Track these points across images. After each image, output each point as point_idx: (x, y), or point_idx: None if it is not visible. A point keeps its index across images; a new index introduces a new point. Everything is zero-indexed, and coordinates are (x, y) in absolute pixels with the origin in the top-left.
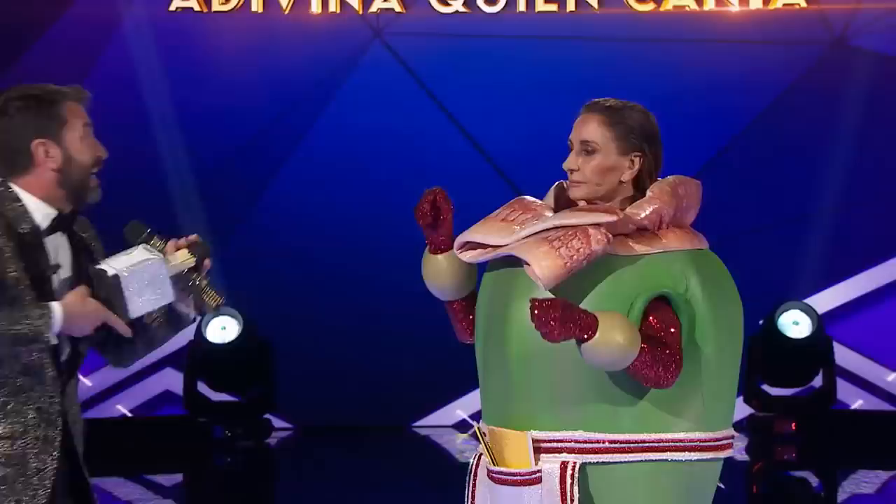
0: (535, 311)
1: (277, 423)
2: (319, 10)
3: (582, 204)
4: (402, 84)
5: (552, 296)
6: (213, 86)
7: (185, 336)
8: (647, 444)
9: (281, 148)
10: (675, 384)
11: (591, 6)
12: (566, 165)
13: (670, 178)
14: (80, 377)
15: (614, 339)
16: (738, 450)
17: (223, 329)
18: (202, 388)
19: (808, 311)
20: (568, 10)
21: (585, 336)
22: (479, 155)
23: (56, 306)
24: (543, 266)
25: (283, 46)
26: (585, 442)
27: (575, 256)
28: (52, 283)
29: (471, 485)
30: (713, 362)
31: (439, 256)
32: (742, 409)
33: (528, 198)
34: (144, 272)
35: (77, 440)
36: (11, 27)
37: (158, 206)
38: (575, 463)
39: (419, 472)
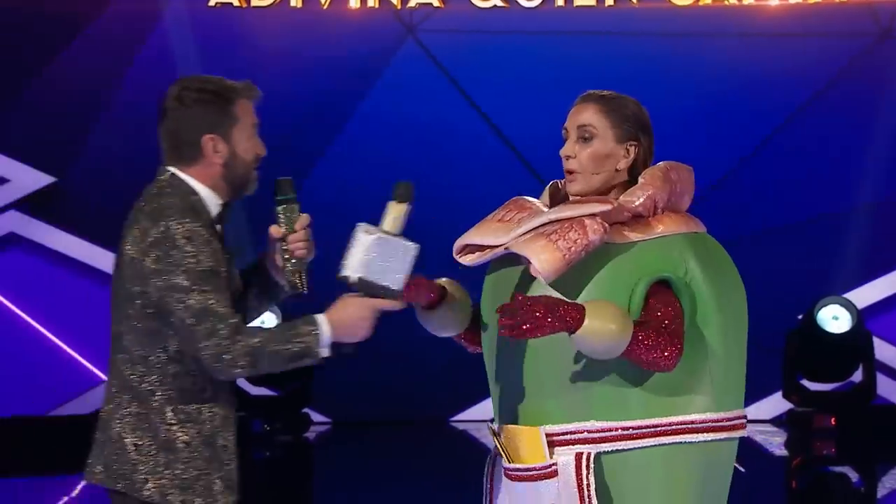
0: (519, 311)
1: (316, 417)
2: (358, 5)
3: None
4: (438, 80)
5: (552, 291)
6: (251, 80)
7: None
8: (659, 429)
9: (317, 142)
10: (682, 367)
11: (630, 0)
12: (564, 151)
13: (661, 163)
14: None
15: (605, 326)
16: (778, 445)
17: (262, 323)
18: (241, 382)
19: (848, 305)
20: (606, 4)
21: (573, 327)
22: (510, 152)
23: (322, 319)
24: (543, 260)
25: (321, 41)
26: (598, 431)
27: (573, 248)
28: (231, 271)
29: (487, 485)
30: (718, 343)
31: (434, 310)
32: (781, 405)
33: (525, 197)
34: (378, 255)
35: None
36: (52, 23)
37: None
38: (589, 453)
39: (457, 467)
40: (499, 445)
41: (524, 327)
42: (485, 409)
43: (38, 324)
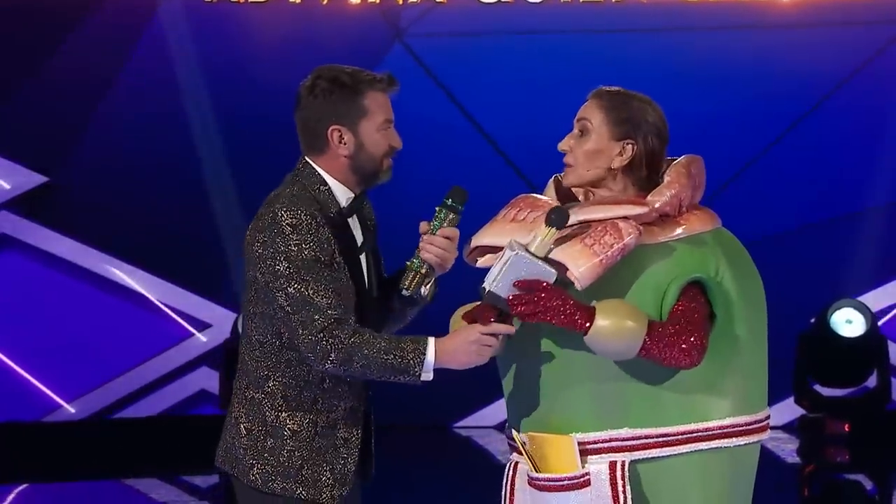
0: (536, 296)
1: None
2: (358, 0)
3: (576, 191)
4: (435, 79)
5: (578, 295)
6: (248, 75)
7: (221, 333)
8: (695, 434)
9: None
10: (716, 368)
11: None
12: (559, 146)
13: (681, 159)
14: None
15: (620, 323)
16: (789, 452)
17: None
18: None
19: (862, 308)
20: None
21: (583, 325)
22: (496, 154)
23: (430, 342)
24: (581, 266)
25: (319, 37)
26: (632, 439)
27: (609, 252)
28: (361, 264)
29: (508, 496)
30: (747, 342)
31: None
32: (793, 410)
33: (533, 195)
34: (513, 273)
35: (371, 411)
36: (44, 19)
37: (192, 192)
38: (624, 462)
39: (460, 474)
40: (524, 454)
41: (536, 311)
42: (488, 415)
43: (27, 329)
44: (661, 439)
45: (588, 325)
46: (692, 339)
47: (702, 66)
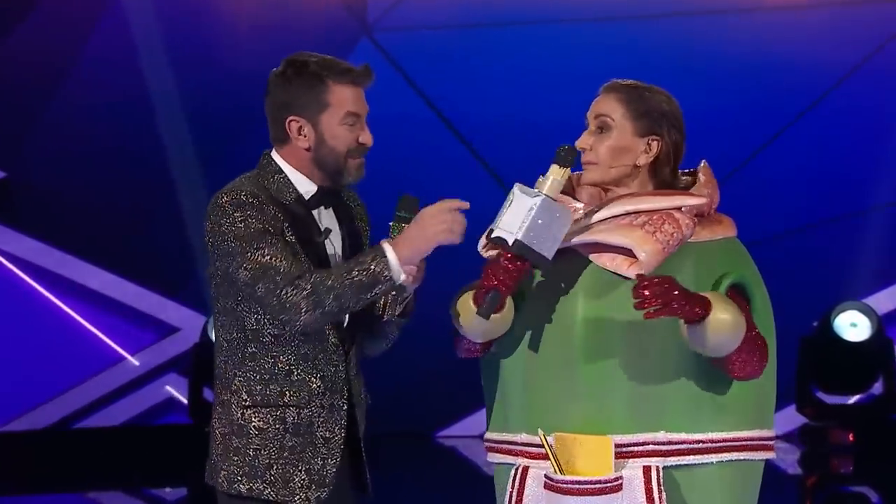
0: (651, 284)
1: None
2: None
3: (590, 189)
4: (404, 75)
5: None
6: (216, 65)
7: (189, 338)
8: (728, 444)
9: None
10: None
11: None
12: (578, 143)
13: (703, 164)
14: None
15: (735, 319)
16: (791, 462)
17: None
18: (209, 394)
19: (867, 311)
20: None
21: (701, 311)
22: (466, 150)
23: (386, 244)
24: (647, 252)
25: (285, 28)
26: (667, 443)
27: (670, 241)
28: (325, 249)
29: (513, 499)
30: (772, 352)
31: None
32: (795, 419)
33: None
34: (538, 219)
35: (360, 412)
36: None
37: (158, 188)
38: (658, 467)
39: (445, 485)
40: (550, 455)
41: (658, 302)
42: (472, 423)
43: None
44: (696, 446)
45: (703, 313)
46: (766, 355)
47: (693, 56)
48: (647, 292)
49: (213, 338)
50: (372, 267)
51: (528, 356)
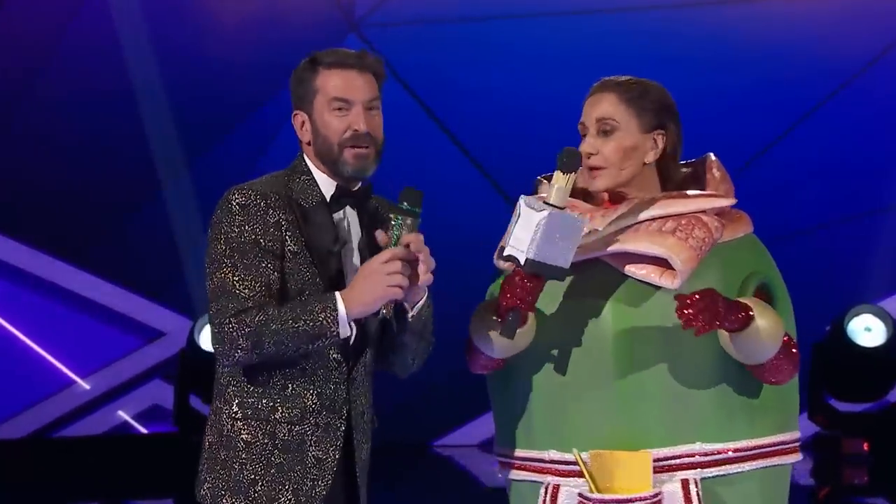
0: (694, 302)
1: None
2: None
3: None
4: (393, 72)
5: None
6: (202, 59)
7: (175, 343)
8: (762, 450)
9: (264, 130)
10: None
11: None
12: (584, 149)
13: (712, 156)
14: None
15: (776, 326)
16: (802, 472)
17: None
18: (195, 402)
19: (882, 315)
20: None
21: (745, 318)
22: (459, 151)
23: (337, 295)
24: (683, 259)
25: (278, 16)
26: (705, 454)
27: (703, 247)
28: (339, 258)
29: None
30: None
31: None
32: (807, 427)
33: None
34: (548, 233)
35: (361, 435)
36: None
37: (142, 184)
38: (696, 480)
39: (442, 496)
40: (586, 473)
41: (700, 318)
42: (470, 433)
43: None
44: (732, 455)
45: (747, 321)
46: (797, 353)
47: (700, 49)
48: (690, 311)
49: (201, 343)
50: (320, 318)
51: (555, 371)
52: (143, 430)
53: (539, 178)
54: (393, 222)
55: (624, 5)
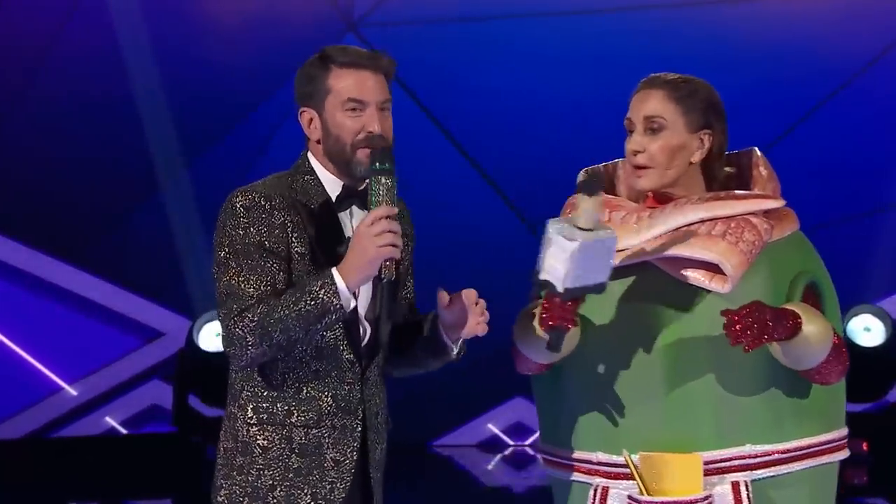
0: (741, 317)
1: None
2: None
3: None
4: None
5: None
6: (201, 59)
7: (174, 343)
8: (811, 450)
9: (262, 128)
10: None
11: None
12: (631, 146)
13: (757, 152)
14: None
15: (825, 332)
16: None
17: (217, 336)
18: (194, 402)
19: (882, 315)
20: None
21: (793, 327)
22: (458, 153)
23: (333, 270)
24: (734, 264)
25: (277, 16)
26: (754, 456)
27: (753, 251)
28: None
29: None
30: None
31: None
32: None
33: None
34: (582, 260)
35: (375, 435)
36: None
37: (140, 183)
38: (746, 482)
39: (441, 497)
40: (636, 475)
41: (748, 334)
42: (469, 433)
43: None
44: (782, 455)
45: (795, 328)
46: (847, 353)
47: (699, 47)
48: (738, 327)
49: (200, 343)
50: (321, 295)
51: (604, 373)
52: (143, 431)
53: (586, 170)
54: (371, 186)
55: (624, 5)
